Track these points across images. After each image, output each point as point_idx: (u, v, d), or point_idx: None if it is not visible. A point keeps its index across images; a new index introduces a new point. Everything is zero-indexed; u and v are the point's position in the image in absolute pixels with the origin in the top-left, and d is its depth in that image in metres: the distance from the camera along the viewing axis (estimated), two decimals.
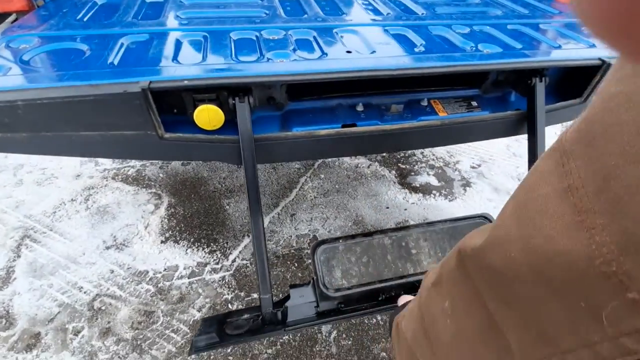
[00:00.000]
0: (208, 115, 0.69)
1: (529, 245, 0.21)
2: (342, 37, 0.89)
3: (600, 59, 0.87)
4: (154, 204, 1.59)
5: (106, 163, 1.79)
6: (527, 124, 0.90)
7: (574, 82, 0.94)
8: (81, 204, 1.55)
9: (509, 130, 0.99)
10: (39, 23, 0.87)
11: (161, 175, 1.74)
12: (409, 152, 2.00)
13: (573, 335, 0.20)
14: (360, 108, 0.88)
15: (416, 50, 0.85)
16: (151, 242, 1.41)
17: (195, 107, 0.69)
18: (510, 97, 1.00)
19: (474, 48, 0.89)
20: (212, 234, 1.47)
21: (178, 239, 1.43)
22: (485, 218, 0.83)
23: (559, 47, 0.94)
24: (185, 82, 0.64)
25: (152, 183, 1.70)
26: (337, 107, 0.89)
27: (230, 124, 0.73)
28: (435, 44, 0.89)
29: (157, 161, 1.81)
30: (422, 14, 1.08)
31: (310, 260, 1.37)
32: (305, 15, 0.99)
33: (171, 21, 0.90)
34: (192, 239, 1.43)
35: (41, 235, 1.40)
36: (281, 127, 0.83)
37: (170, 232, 1.46)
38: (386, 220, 1.58)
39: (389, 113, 0.89)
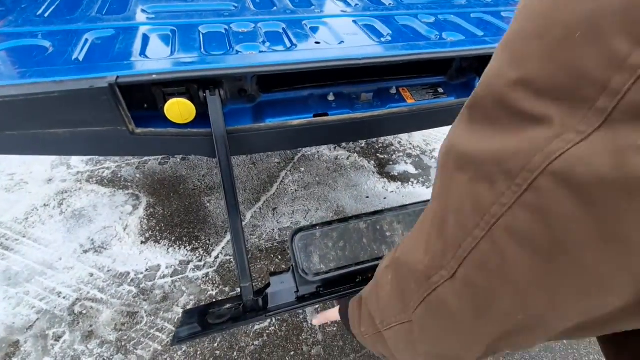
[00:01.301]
0: (179, 109, 0.69)
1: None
2: (311, 28, 0.90)
3: None
4: (132, 205, 1.57)
5: (79, 166, 1.74)
6: None
7: None
8: (55, 209, 1.51)
9: None
10: None
11: (138, 175, 1.72)
12: (387, 142, 2.05)
13: None
14: (331, 98, 0.90)
15: (383, 40, 0.88)
16: (131, 243, 1.39)
17: (165, 101, 0.69)
18: (474, 83, 1.04)
19: (438, 36, 0.92)
20: (194, 231, 1.47)
21: (159, 238, 1.42)
22: None
23: None
24: (154, 76, 0.64)
25: (129, 184, 1.67)
26: (308, 98, 0.90)
27: (202, 117, 0.73)
28: (401, 34, 0.92)
29: (133, 162, 1.78)
30: (390, 4, 1.11)
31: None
32: (275, 8, 1.00)
33: (138, 15, 0.89)
34: (173, 238, 1.42)
35: (13, 243, 1.36)
36: (254, 118, 0.84)
37: (150, 232, 1.45)
38: (367, 210, 1.62)
39: (359, 102, 0.91)
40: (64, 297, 1.19)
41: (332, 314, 0.64)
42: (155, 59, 0.71)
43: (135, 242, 1.39)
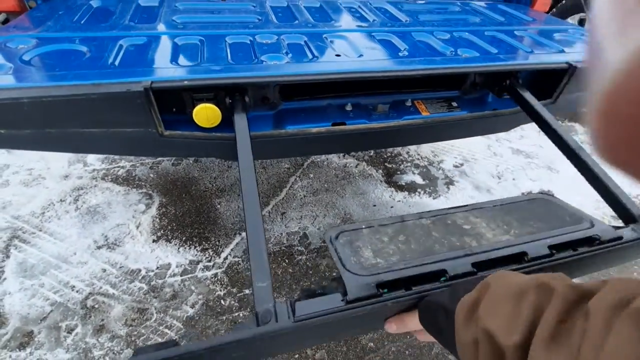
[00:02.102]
0: (206, 114, 0.72)
1: None
2: (331, 41, 0.94)
3: (567, 63, 0.95)
4: (145, 203, 1.61)
5: (95, 163, 1.79)
6: (536, 122, 0.91)
7: (544, 84, 1.03)
8: (70, 205, 1.55)
9: (486, 129, 1.07)
10: (34, 25, 0.89)
11: (152, 175, 1.76)
12: (395, 152, 2.08)
13: None
14: (349, 108, 0.94)
15: (400, 54, 0.91)
16: (143, 241, 1.42)
17: (194, 106, 0.72)
18: (487, 98, 1.07)
19: (453, 52, 0.96)
20: (204, 232, 1.50)
21: (170, 237, 1.45)
22: (546, 195, 0.69)
23: (531, 51, 1.03)
24: (185, 82, 0.68)
25: (143, 183, 1.71)
26: (327, 107, 0.94)
27: (227, 122, 0.77)
28: (418, 49, 0.96)
29: (147, 162, 1.82)
30: (406, 21, 1.15)
31: (301, 257, 1.41)
32: (296, 21, 1.05)
33: (168, 25, 0.94)
34: (184, 238, 1.45)
35: (30, 236, 1.39)
36: (275, 125, 0.87)
37: (162, 231, 1.48)
38: (374, 218, 1.64)
39: (375, 112, 0.94)
40: (77, 291, 1.22)
41: (411, 320, 0.48)
42: (186, 66, 0.75)
43: (147, 240, 1.42)
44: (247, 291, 1.33)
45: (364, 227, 0.59)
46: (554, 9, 2.46)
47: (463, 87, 1.04)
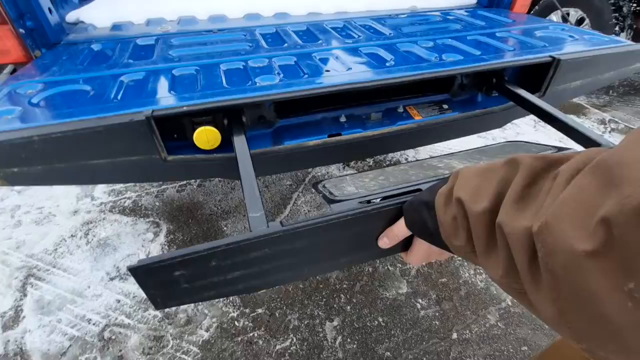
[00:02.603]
0: (206, 136, 0.76)
1: None
2: (320, 59, 0.98)
3: (550, 56, 0.98)
4: (153, 232, 1.63)
5: (102, 197, 1.83)
6: (530, 111, 0.92)
7: (532, 79, 1.05)
8: (81, 239, 1.58)
9: (479, 127, 1.09)
10: (40, 71, 0.95)
11: (157, 203, 1.79)
12: (394, 158, 2.10)
13: None
14: (343, 119, 0.97)
15: (387, 64, 0.95)
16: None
17: (194, 130, 0.76)
18: (477, 98, 1.10)
19: (438, 58, 0.99)
20: None
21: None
22: (513, 144, 0.74)
23: (514, 49, 1.06)
24: (184, 107, 0.72)
25: (149, 212, 1.74)
26: (322, 121, 0.97)
27: (226, 142, 0.80)
28: (403, 58, 1.00)
29: (152, 190, 1.86)
30: (390, 34, 1.20)
31: None
32: (285, 44, 1.10)
33: (164, 60, 0.99)
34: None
35: (45, 273, 1.42)
36: (273, 142, 0.90)
37: None
38: None
39: (369, 121, 0.98)
40: (93, 324, 1.23)
41: (399, 229, 0.49)
42: (184, 94, 0.79)
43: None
44: (259, 310, 1.33)
45: (347, 176, 0.65)
46: (536, 7, 2.52)
47: (451, 90, 1.08)
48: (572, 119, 0.82)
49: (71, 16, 1.30)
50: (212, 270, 0.47)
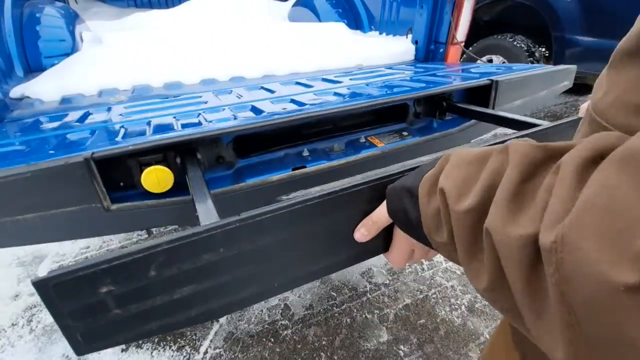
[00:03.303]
0: (156, 177, 0.69)
1: None
2: (276, 103, 0.99)
3: (489, 79, 1.06)
4: None
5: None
6: (493, 121, 0.96)
7: (478, 102, 1.11)
8: (24, 327, 1.33)
9: (440, 150, 1.11)
10: None
11: None
12: None
13: None
14: (306, 153, 0.94)
15: (342, 100, 0.97)
16: (111, 353, 1.21)
17: (141, 171, 0.69)
18: (433, 124, 1.14)
19: (388, 91, 1.03)
20: None
21: (140, 343, 1.25)
22: None
23: (457, 80, 1.14)
24: (130, 147, 0.66)
25: None
26: (285, 157, 0.94)
27: (180, 185, 0.73)
28: (354, 94, 1.03)
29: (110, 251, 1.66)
30: (343, 82, 1.25)
31: (286, 332, 1.25)
32: (242, 97, 1.10)
33: (115, 117, 0.94)
34: (156, 339, 1.26)
35: None
36: (234, 181, 0.84)
37: None
38: (352, 270, 1.56)
39: (333, 152, 0.96)
40: None
41: (379, 217, 0.42)
42: (131, 139, 0.73)
43: (115, 352, 1.21)
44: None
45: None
46: (464, 56, 2.85)
47: (407, 119, 1.11)
48: (523, 116, 0.86)
49: (16, 91, 1.25)
50: (153, 285, 0.36)
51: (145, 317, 0.37)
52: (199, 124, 0.81)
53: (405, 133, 1.07)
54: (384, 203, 0.41)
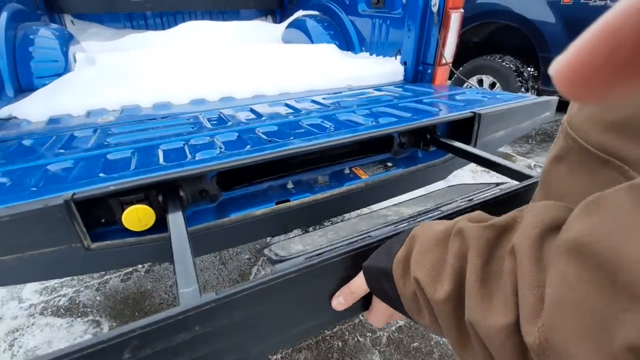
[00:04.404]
0: (137, 216, 0.69)
1: None
2: (263, 132, 1.00)
3: (472, 112, 1.09)
4: (92, 333, 1.40)
5: (32, 297, 1.58)
6: (473, 160, 0.99)
7: (461, 135, 1.14)
8: (5, 352, 1.31)
9: (424, 181, 1.13)
10: None
11: (98, 297, 1.57)
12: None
13: None
14: (290, 186, 0.96)
15: (327, 132, 0.99)
16: None
17: (123, 210, 0.69)
18: (417, 154, 1.16)
19: (375, 122, 1.06)
20: None
21: None
22: (455, 187, 0.81)
23: (441, 110, 1.17)
24: (112, 187, 0.66)
25: (89, 309, 1.51)
26: (269, 189, 0.95)
27: (161, 222, 0.74)
28: (342, 124, 1.05)
29: (92, 283, 1.65)
30: (330, 107, 1.28)
31: (275, 356, 1.25)
32: (229, 123, 1.11)
33: (99, 146, 0.94)
34: None
35: None
36: (217, 216, 0.85)
37: None
38: None
39: (317, 184, 0.97)
40: None
41: (358, 286, 0.44)
42: (113, 174, 0.74)
43: None
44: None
45: (296, 237, 0.60)
46: (454, 76, 2.91)
47: (392, 149, 1.13)
48: (501, 159, 0.88)
49: (3, 112, 1.24)
50: None
51: None
52: (184, 157, 0.82)
53: (389, 164, 1.09)
54: (361, 274, 0.43)
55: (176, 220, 0.69)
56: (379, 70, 1.74)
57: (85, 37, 2.21)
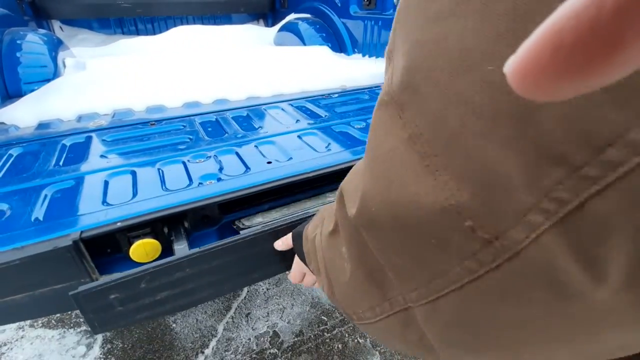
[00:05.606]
0: (145, 250, 0.71)
1: (387, 199, 0.22)
2: (261, 150, 1.02)
3: None
4: (85, 344, 1.41)
5: None
6: None
7: None
8: None
9: None
10: None
11: None
12: None
13: (429, 269, 0.22)
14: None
15: (325, 150, 1.01)
16: None
17: (130, 244, 0.71)
18: None
19: None
20: None
21: None
22: None
23: None
24: (119, 224, 0.68)
25: (81, 320, 1.52)
26: (269, 210, 0.97)
27: (167, 251, 0.76)
28: (339, 141, 1.07)
29: None
30: (326, 116, 1.29)
31: None
32: (226, 134, 1.12)
33: (95, 162, 0.94)
34: None
35: None
36: (218, 237, 0.87)
37: None
38: None
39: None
40: None
41: (289, 237, 0.64)
42: (118, 204, 0.75)
43: None
44: None
45: (259, 213, 0.88)
46: None
47: None
48: None
49: None
50: (142, 292, 0.58)
51: (136, 310, 0.60)
52: (186, 182, 0.84)
53: None
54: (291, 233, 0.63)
55: (182, 250, 0.71)
56: (372, 71, 1.77)
57: (75, 43, 2.13)
